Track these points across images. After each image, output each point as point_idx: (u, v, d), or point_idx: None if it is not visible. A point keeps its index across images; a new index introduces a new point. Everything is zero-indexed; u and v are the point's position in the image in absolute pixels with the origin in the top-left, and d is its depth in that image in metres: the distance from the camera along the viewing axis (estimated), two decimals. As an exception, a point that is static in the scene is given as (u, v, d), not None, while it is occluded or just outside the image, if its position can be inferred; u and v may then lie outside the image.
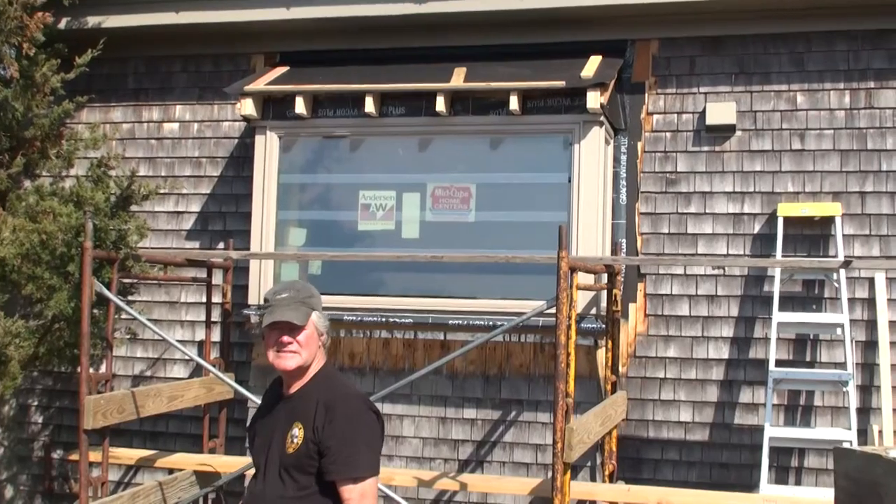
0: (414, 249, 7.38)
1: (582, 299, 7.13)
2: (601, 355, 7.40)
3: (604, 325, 7.12)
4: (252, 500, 3.80)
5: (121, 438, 8.04)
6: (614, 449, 6.99)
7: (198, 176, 8.41)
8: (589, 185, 7.19)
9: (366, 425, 3.69)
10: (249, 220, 8.08)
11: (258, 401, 6.57)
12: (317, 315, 3.82)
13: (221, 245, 8.31)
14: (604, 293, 7.22)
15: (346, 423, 3.63)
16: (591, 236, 7.17)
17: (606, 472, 6.91)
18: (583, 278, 7.10)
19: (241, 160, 8.38)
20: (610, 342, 6.94)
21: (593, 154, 7.21)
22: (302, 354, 3.75)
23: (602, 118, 7.23)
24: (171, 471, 8.00)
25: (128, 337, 7.18)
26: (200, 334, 8.16)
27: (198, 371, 8.32)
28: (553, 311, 5.72)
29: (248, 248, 7.79)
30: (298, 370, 3.78)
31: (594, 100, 7.05)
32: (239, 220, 8.29)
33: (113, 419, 6.26)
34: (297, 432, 3.68)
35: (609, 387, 6.95)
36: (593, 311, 7.21)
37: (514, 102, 7.17)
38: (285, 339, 3.74)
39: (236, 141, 8.41)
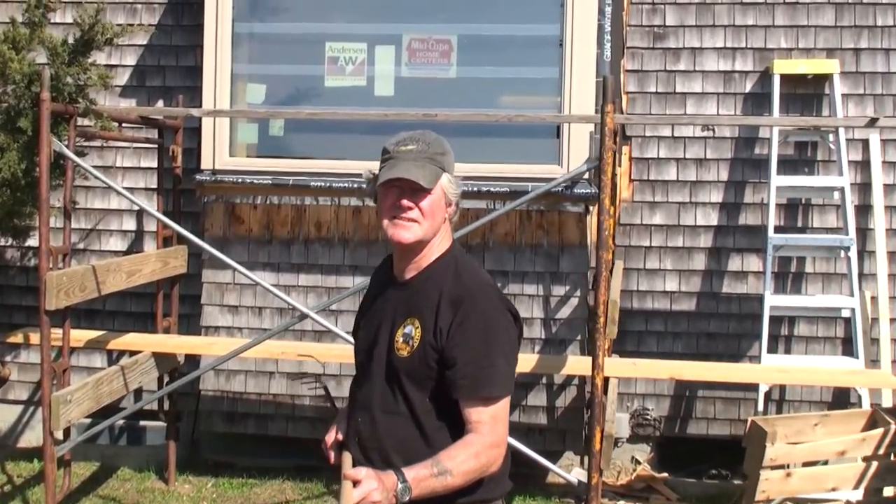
0: (389, 108, 6.68)
1: (574, 162, 6.62)
2: (592, 222, 6.93)
3: (598, 191, 6.61)
4: (355, 409, 3.10)
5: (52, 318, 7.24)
6: (612, 321, 6.57)
7: (132, 24, 7.43)
8: (584, 37, 6.59)
9: (503, 331, 2.96)
10: (192, 74, 7.29)
11: (240, 268, 5.95)
12: (448, 179, 3.00)
13: (161, 102, 7.44)
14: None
15: (480, 328, 2.90)
16: (587, 93, 6.62)
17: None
18: (577, 138, 6.62)
19: (181, 7, 7.43)
20: (613, 208, 6.45)
21: (587, 2, 6.61)
22: (422, 225, 2.97)
23: (598, -37, 6.62)
24: (111, 353, 7.35)
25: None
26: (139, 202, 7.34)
27: (136, 243, 7.55)
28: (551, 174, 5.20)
29: (195, 106, 6.98)
30: (416, 246, 3.00)
31: (593, -59, 6.44)
32: (180, 75, 7.43)
33: (75, 298, 5.50)
34: (413, 332, 2.95)
35: (610, 256, 6.50)
36: (585, 175, 6.70)
37: (502, -57, 6.51)
38: (405, 202, 2.95)
39: (176, -17, 7.49)
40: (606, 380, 6.34)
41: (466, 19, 6.87)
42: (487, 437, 2.87)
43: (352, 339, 5.73)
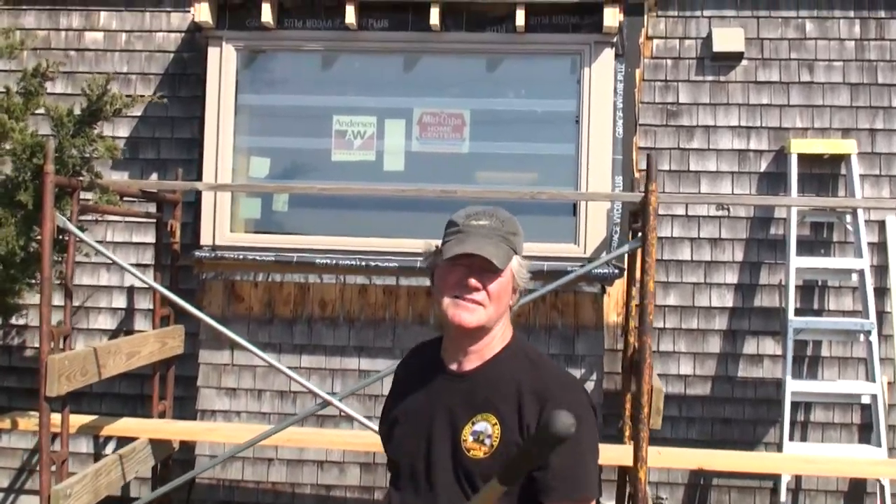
0: (398, 183, 6.46)
1: (591, 241, 6.42)
2: (608, 303, 6.71)
3: (616, 270, 6.42)
4: None
5: (35, 399, 6.84)
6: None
7: (126, 95, 7.14)
8: (601, 115, 6.45)
9: (589, 426, 2.64)
10: (188, 147, 7.06)
11: (248, 344, 5.58)
12: (518, 262, 2.68)
13: (155, 175, 7.14)
14: (613, 236, 6.51)
15: None
16: (603, 171, 6.44)
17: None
18: (594, 216, 6.43)
19: (177, 78, 7.18)
20: (633, 290, 6.23)
21: (605, 79, 6.46)
22: (487, 309, 2.63)
23: (615, 39, 6.47)
24: (97, 438, 6.96)
25: (59, 282, 6.00)
26: (130, 279, 7.03)
27: (126, 322, 7.19)
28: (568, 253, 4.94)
29: (192, 179, 6.72)
30: (476, 332, 2.66)
31: (612, 17, 6.31)
32: (176, 148, 7.13)
33: (76, 383, 5.15)
34: (490, 429, 2.61)
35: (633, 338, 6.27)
36: (603, 254, 6.49)
37: (520, 17, 6.32)
38: (472, 282, 2.62)
39: (172, 55, 7.20)
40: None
41: (480, 94, 6.70)
42: None
43: (366, 423, 5.50)
